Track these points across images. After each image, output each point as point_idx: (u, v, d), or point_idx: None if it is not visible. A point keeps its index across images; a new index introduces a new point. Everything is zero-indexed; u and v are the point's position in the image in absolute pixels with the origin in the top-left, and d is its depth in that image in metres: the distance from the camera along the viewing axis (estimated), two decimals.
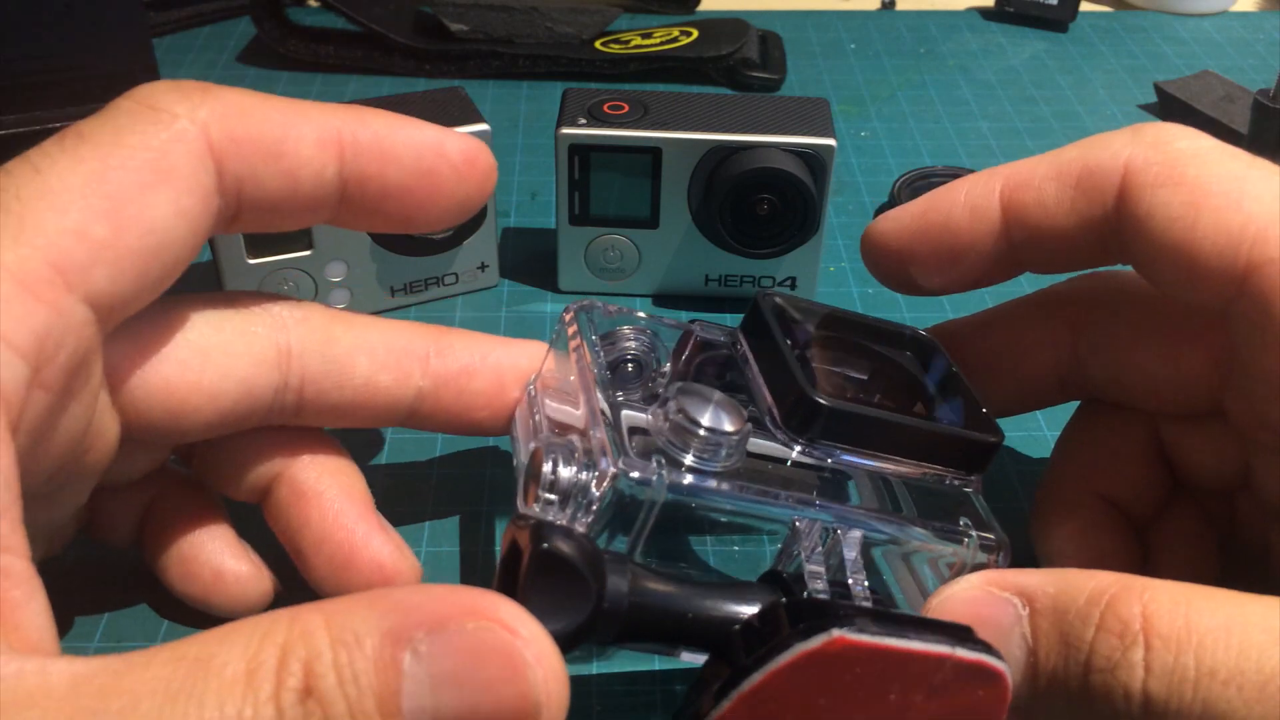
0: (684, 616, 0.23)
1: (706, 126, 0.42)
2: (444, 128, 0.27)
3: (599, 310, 0.30)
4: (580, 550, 0.22)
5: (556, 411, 0.28)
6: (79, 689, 0.17)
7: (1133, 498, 0.31)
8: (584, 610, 0.22)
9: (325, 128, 0.25)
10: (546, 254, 0.46)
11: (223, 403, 0.26)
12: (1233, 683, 0.21)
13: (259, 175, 0.24)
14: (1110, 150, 0.27)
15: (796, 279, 0.45)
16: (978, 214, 0.29)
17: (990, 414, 0.29)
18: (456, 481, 0.37)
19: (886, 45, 0.68)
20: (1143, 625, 0.22)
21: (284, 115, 0.25)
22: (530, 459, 0.25)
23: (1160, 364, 0.29)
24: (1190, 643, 0.21)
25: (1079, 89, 0.63)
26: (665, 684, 0.31)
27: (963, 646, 0.21)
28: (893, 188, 0.51)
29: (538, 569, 0.21)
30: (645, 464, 0.24)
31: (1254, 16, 0.73)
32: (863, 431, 0.27)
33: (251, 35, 0.65)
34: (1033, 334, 0.32)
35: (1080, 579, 0.23)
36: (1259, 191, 0.25)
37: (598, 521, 0.24)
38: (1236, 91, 0.59)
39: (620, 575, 0.22)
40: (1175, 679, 0.21)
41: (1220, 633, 0.21)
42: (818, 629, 0.21)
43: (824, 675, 0.21)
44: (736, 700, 0.21)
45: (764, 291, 0.31)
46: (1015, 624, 0.23)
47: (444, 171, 0.27)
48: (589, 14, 0.65)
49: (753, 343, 0.30)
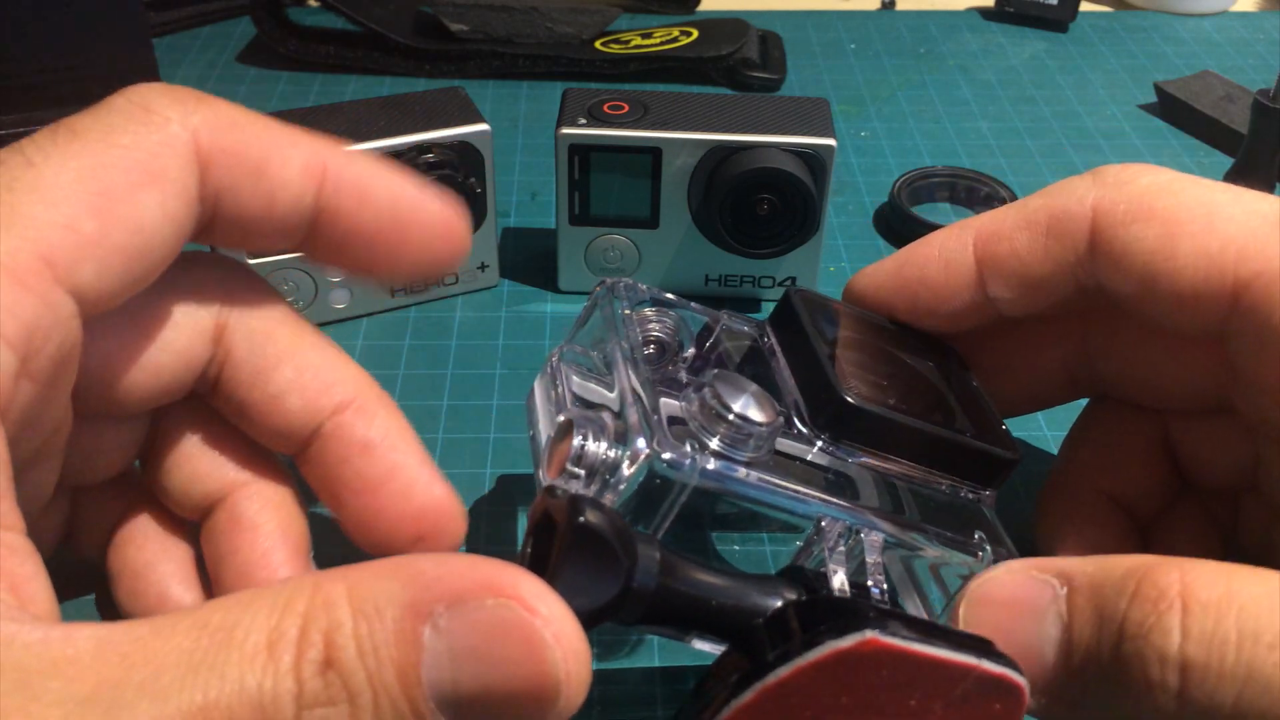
0: (708, 604, 0.23)
1: (706, 126, 0.42)
2: (431, 188, 0.27)
3: (633, 289, 0.30)
4: (615, 527, 0.22)
5: (580, 386, 0.28)
6: (103, 656, 0.17)
7: (1138, 495, 0.31)
8: (614, 588, 0.21)
9: (312, 156, 0.25)
10: (546, 254, 0.46)
11: (162, 378, 0.26)
12: (1278, 646, 0.21)
13: (239, 190, 0.24)
14: (1075, 195, 0.28)
15: (796, 279, 0.45)
16: (952, 267, 0.30)
17: (1003, 417, 0.29)
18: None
19: (886, 45, 0.68)
20: (1181, 592, 0.22)
21: (274, 136, 0.25)
22: (558, 431, 0.25)
23: (1168, 361, 0.30)
24: (1231, 609, 0.21)
25: (1079, 89, 0.63)
26: (666, 682, 0.31)
27: (989, 659, 0.21)
28: (893, 188, 0.51)
29: (574, 543, 0.21)
30: (680, 447, 0.24)
31: (1254, 16, 0.73)
32: (888, 436, 0.27)
33: (251, 35, 0.65)
34: (1042, 331, 0.32)
35: (1118, 559, 0.23)
36: (1229, 212, 0.26)
37: (623, 501, 0.24)
38: (1236, 91, 0.59)
39: (651, 556, 0.22)
40: (1216, 642, 0.21)
41: (1264, 599, 0.21)
42: (850, 628, 0.20)
43: (850, 675, 0.21)
44: (760, 692, 0.21)
45: (794, 288, 0.31)
46: (1052, 603, 0.24)
47: (416, 229, 0.26)
48: (589, 14, 0.65)
49: (781, 337, 0.30)
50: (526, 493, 0.37)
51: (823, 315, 0.30)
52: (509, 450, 0.38)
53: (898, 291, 0.31)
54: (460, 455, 0.38)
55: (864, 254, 0.49)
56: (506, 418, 0.40)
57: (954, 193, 0.53)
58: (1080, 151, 0.57)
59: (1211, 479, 0.31)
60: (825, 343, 0.29)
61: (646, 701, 0.30)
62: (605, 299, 0.29)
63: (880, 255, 0.49)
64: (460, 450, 0.38)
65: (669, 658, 0.32)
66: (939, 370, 0.31)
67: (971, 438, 0.28)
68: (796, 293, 0.30)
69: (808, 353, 0.28)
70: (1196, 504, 0.32)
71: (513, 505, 0.36)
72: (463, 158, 0.42)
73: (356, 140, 0.41)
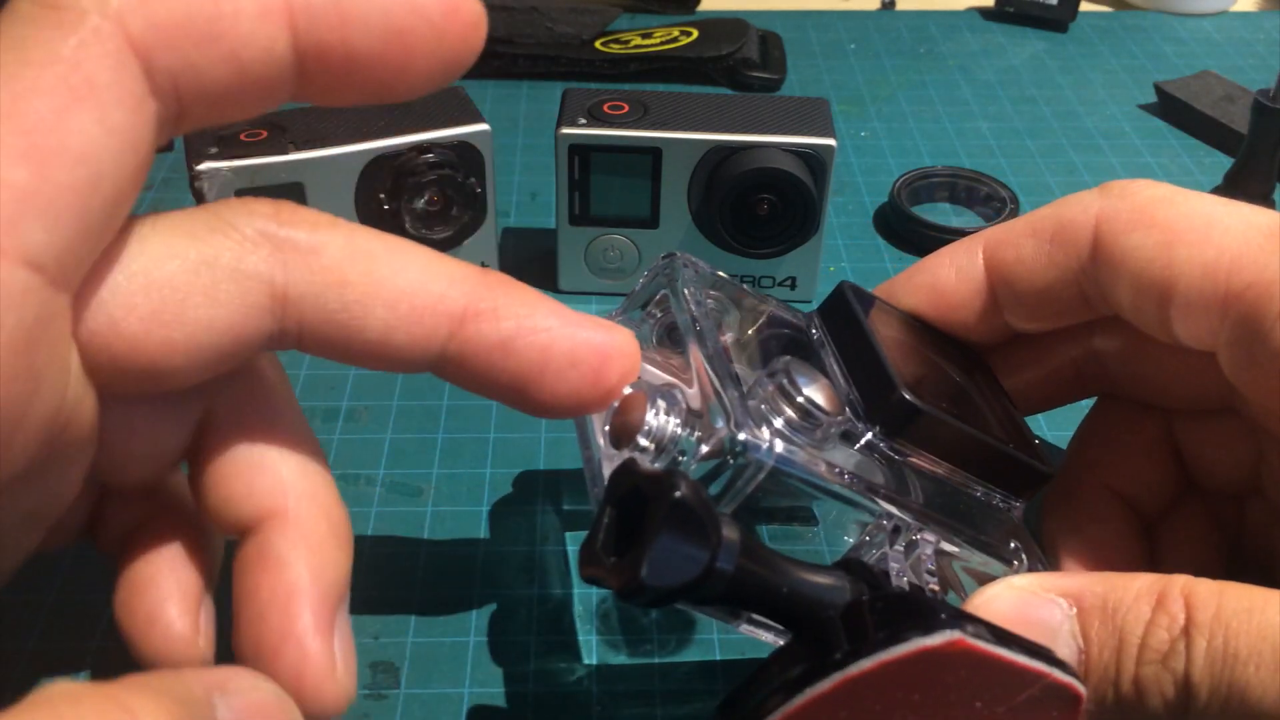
0: (779, 590, 0.23)
1: (706, 126, 0.42)
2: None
3: (693, 264, 0.29)
4: (707, 506, 0.21)
5: None
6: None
7: (1143, 493, 0.31)
8: (698, 567, 0.21)
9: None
10: (546, 254, 0.46)
11: (205, 356, 0.22)
12: (1251, 662, 0.22)
13: (196, 65, 0.20)
14: (1081, 205, 0.29)
15: (796, 279, 0.45)
16: (963, 274, 0.31)
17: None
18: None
19: (886, 45, 0.68)
20: (1185, 615, 0.23)
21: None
22: (625, 402, 0.24)
23: (1173, 363, 0.30)
24: (1220, 627, 0.22)
25: (1079, 89, 0.63)
26: (665, 680, 0.31)
27: (1057, 667, 0.22)
28: (893, 188, 0.51)
29: (669, 518, 0.21)
30: (758, 429, 0.23)
31: (1254, 16, 0.73)
32: (941, 438, 0.27)
33: None
34: (1053, 333, 0.32)
35: (1125, 579, 0.24)
36: (1226, 223, 0.26)
37: None
38: (1236, 91, 0.59)
39: (733, 537, 0.22)
40: (1210, 662, 0.22)
41: (1244, 615, 0.22)
42: (937, 626, 0.20)
43: (928, 674, 0.21)
44: (841, 681, 0.21)
45: (847, 281, 0.31)
46: (1063, 623, 0.24)
47: (420, 29, 0.22)
48: (589, 14, 0.65)
49: (832, 329, 0.30)
50: (527, 493, 0.37)
51: (872, 311, 0.30)
52: (509, 450, 0.38)
53: (913, 301, 0.32)
54: (460, 455, 0.38)
55: (864, 254, 0.49)
56: (507, 418, 0.40)
57: (954, 193, 0.53)
58: (1080, 151, 0.57)
59: (1216, 480, 0.31)
60: (879, 340, 0.28)
61: (646, 699, 0.31)
62: (667, 273, 0.28)
63: (880, 255, 0.49)
64: (460, 450, 0.38)
65: (667, 655, 0.32)
66: (972, 376, 0.31)
67: (1013, 449, 0.28)
68: (849, 285, 0.30)
69: (865, 348, 0.28)
70: (1203, 505, 0.32)
71: (513, 505, 0.36)
72: (462, 158, 0.42)
73: (356, 140, 0.41)
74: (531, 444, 0.39)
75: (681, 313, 0.27)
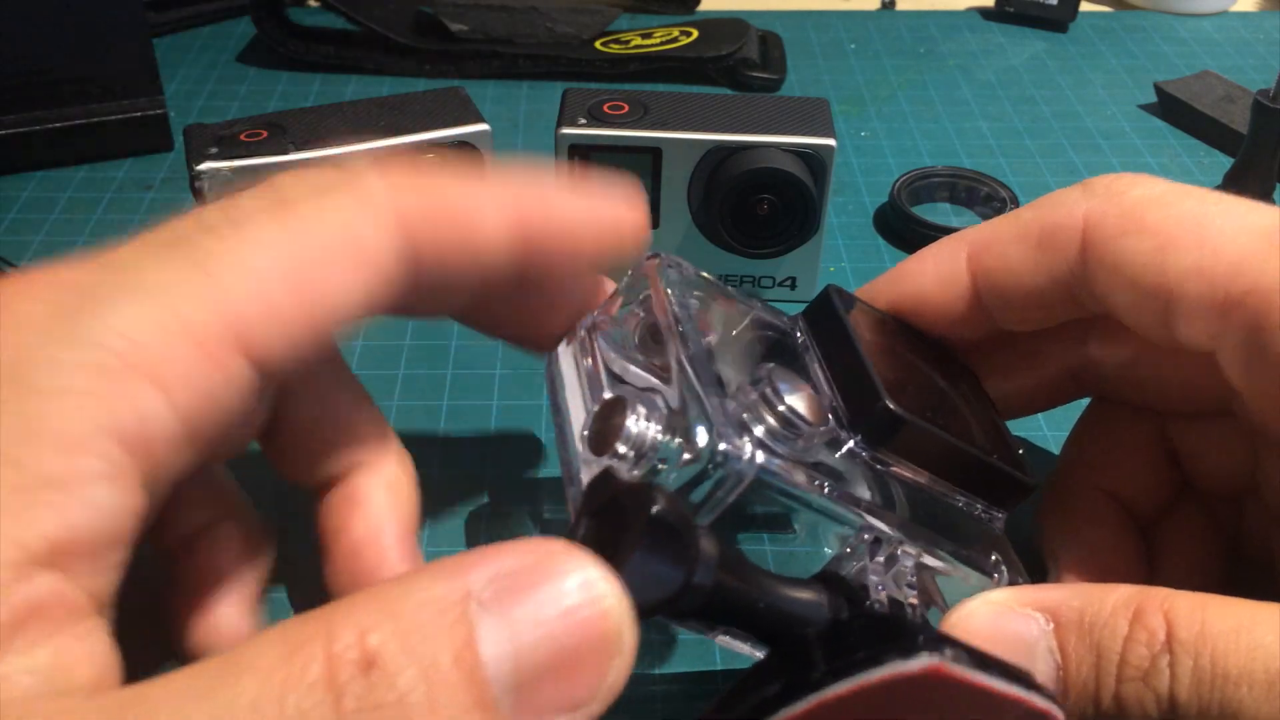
0: (756, 605, 0.22)
1: (706, 126, 0.42)
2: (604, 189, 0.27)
3: (679, 265, 0.29)
4: (685, 521, 0.21)
5: (616, 363, 0.27)
6: (97, 699, 0.16)
7: (1139, 495, 0.31)
8: (676, 582, 0.21)
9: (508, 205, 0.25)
10: None
11: (342, 319, 0.23)
12: (1243, 682, 0.21)
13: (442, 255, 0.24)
14: (1065, 207, 0.28)
15: (796, 279, 0.45)
16: (946, 281, 0.30)
17: (1005, 419, 0.29)
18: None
19: (886, 45, 0.68)
20: (1166, 632, 0.22)
21: (472, 191, 0.24)
22: (603, 407, 0.24)
23: (1167, 366, 0.30)
24: (1207, 646, 0.22)
25: (1079, 89, 0.63)
26: (665, 681, 0.31)
27: (1036, 693, 0.21)
28: (893, 188, 0.51)
29: (647, 533, 0.21)
30: (740, 439, 0.23)
31: (1254, 16, 0.73)
32: (924, 448, 0.27)
33: (251, 35, 0.65)
34: (1043, 335, 0.32)
35: (1101, 592, 0.24)
36: (1221, 226, 0.26)
37: (675, 490, 0.23)
38: (1236, 91, 0.59)
39: (710, 551, 0.21)
40: (1197, 682, 0.22)
41: (1231, 635, 0.22)
42: (913, 651, 0.20)
43: (905, 698, 0.20)
44: (815, 704, 0.20)
45: (833, 285, 0.30)
46: (1040, 639, 0.24)
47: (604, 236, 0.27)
48: (589, 14, 0.65)
49: (817, 334, 0.29)
50: (527, 493, 0.37)
51: (857, 314, 0.30)
52: (509, 450, 0.38)
53: (894, 306, 0.31)
54: (460, 455, 0.38)
55: (864, 254, 0.49)
56: (506, 417, 0.40)
57: (954, 193, 0.53)
58: (1080, 151, 0.57)
59: (1213, 481, 0.31)
60: (864, 345, 0.28)
61: (646, 699, 0.31)
62: (658, 274, 0.28)
63: (880, 255, 0.49)
64: (460, 450, 0.38)
65: (667, 654, 0.32)
66: (956, 383, 0.31)
67: (997, 460, 0.28)
68: (834, 289, 0.30)
69: (849, 355, 0.27)
70: (1200, 507, 0.31)
71: (513, 505, 0.36)
72: (463, 157, 0.42)
73: (356, 140, 0.41)
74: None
75: (663, 313, 0.27)
